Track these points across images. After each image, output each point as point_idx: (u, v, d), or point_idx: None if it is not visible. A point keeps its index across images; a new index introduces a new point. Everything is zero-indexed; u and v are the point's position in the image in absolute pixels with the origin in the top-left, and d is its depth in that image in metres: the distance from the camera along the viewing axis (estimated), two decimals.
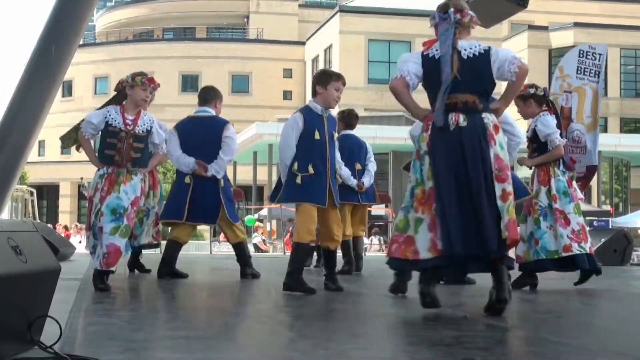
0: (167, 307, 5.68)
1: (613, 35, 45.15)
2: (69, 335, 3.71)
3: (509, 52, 5.07)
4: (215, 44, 53.87)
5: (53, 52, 8.61)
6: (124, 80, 6.71)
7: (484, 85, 4.96)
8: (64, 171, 49.70)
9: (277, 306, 5.64)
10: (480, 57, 4.96)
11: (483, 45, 5.03)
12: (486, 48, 5.02)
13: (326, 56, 46.93)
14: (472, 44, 5.00)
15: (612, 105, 47.26)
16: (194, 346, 3.64)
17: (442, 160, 4.80)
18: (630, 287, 8.05)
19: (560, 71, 12.51)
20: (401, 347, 3.78)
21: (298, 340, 3.94)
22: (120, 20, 61.93)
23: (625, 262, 12.09)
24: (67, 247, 12.09)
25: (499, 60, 4.95)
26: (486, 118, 4.88)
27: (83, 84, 54.05)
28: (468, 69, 4.88)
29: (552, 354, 3.53)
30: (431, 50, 5.00)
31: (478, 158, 4.79)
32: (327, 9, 53.68)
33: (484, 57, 4.96)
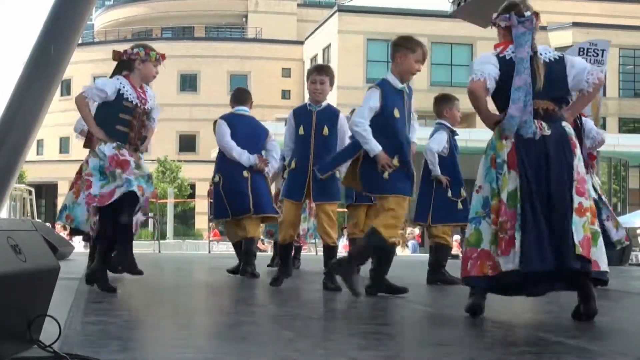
0: (166, 306, 5.68)
1: (612, 35, 45.08)
2: (69, 334, 3.71)
3: (585, 62, 4.91)
4: (214, 43, 53.87)
5: (52, 51, 8.60)
6: (135, 53, 6.14)
7: (560, 92, 4.75)
8: (62, 170, 49.58)
9: (275, 306, 5.64)
10: (556, 63, 4.78)
11: (555, 52, 4.89)
12: (560, 55, 4.87)
13: (325, 56, 46.94)
14: (546, 48, 4.87)
15: (611, 105, 47.26)
16: (193, 345, 3.63)
17: (529, 172, 4.53)
18: (630, 287, 8.05)
19: None
20: (401, 346, 3.78)
21: (297, 339, 3.94)
22: (118, 19, 61.92)
23: (624, 262, 12.09)
24: (66, 246, 12.08)
25: (576, 68, 4.77)
26: (567, 127, 4.69)
27: (82, 83, 53.38)
28: (547, 74, 4.69)
29: (552, 354, 3.53)
30: (507, 52, 4.74)
31: (564, 169, 4.57)
32: (326, 9, 53.66)
33: (559, 63, 4.79)
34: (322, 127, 6.53)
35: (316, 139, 6.54)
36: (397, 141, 5.82)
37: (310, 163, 6.51)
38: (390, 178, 5.80)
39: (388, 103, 5.81)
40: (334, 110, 6.68)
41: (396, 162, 5.78)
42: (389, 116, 5.81)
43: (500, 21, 4.84)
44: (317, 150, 6.53)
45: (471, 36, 41.74)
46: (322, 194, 6.52)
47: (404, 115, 5.87)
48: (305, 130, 6.56)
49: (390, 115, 5.81)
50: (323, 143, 6.53)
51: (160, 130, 37.40)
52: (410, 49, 5.86)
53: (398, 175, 5.81)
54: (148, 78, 6.20)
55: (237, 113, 8.12)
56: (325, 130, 6.53)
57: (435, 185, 7.61)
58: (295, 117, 6.67)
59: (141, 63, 6.13)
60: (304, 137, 6.56)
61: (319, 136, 6.54)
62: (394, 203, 5.80)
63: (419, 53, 5.86)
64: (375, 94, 5.85)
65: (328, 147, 6.54)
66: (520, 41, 4.71)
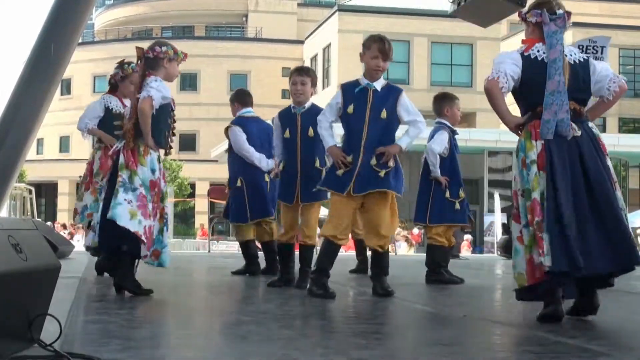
0: (167, 305, 5.68)
1: (611, 35, 44.90)
2: (69, 333, 3.71)
3: (609, 68, 4.92)
4: (214, 42, 53.84)
5: (52, 50, 8.60)
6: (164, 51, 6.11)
7: (583, 95, 4.74)
8: (62, 169, 49.67)
9: (276, 305, 5.64)
10: (581, 65, 4.76)
11: (581, 53, 4.84)
12: (585, 57, 4.83)
13: (325, 55, 46.91)
14: (571, 49, 4.82)
15: None
16: (193, 345, 3.64)
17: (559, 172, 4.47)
18: (630, 287, 8.05)
19: None
20: (401, 346, 3.78)
21: (297, 339, 3.94)
22: (119, 18, 61.91)
23: None
24: (66, 245, 12.09)
25: (598, 74, 4.78)
26: (594, 128, 4.70)
27: (82, 82, 54.02)
28: (572, 75, 4.65)
29: (552, 354, 3.54)
30: (532, 50, 4.68)
31: (601, 168, 4.56)
32: (326, 8, 53.65)
33: (584, 66, 4.77)
34: (307, 128, 6.59)
35: (302, 141, 6.61)
36: (347, 137, 5.95)
37: (298, 165, 6.60)
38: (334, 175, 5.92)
39: (346, 101, 5.95)
40: (318, 110, 6.72)
41: (350, 159, 5.85)
42: (345, 113, 5.94)
43: (532, 16, 4.76)
44: (303, 152, 6.60)
45: (471, 36, 41.76)
46: (309, 195, 6.59)
47: (363, 112, 5.89)
48: (291, 133, 6.64)
49: (345, 112, 5.94)
50: (309, 144, 6.60)
51: None
52: (366, 47, 5.98)
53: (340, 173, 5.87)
54: (172, 77, 6.11)
55: (247, 116, 8.14)
56: (310, 131, 6.58)
57: (434, 186, 7.61)
58: (281, 120, 6.76)
59: (169, 62, 6.06)
60: (290, 140, 6.65)
61: (305, 138, 6.59)
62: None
63: (373, 49, 5.92)
64: (338, 92, 6.06)
65: (314, 148, 6.60)
66: (552, 40, 4.64)
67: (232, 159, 8.17)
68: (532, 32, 4.80)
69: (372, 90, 5.93)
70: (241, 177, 7.97)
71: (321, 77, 46.70)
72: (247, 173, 7.88)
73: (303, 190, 6.58)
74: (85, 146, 54.42)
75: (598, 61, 4.93)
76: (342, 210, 5.86)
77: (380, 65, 5.93)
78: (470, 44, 43.86)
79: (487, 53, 43.09)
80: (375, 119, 5.83)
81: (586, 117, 4.69)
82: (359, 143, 5.86)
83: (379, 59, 5.90)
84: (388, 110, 5.88)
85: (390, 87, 5.99)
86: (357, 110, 5.90)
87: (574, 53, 4.78)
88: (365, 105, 5.90)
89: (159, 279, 7.50)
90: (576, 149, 4.53)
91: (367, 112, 5.88)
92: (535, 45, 4.69)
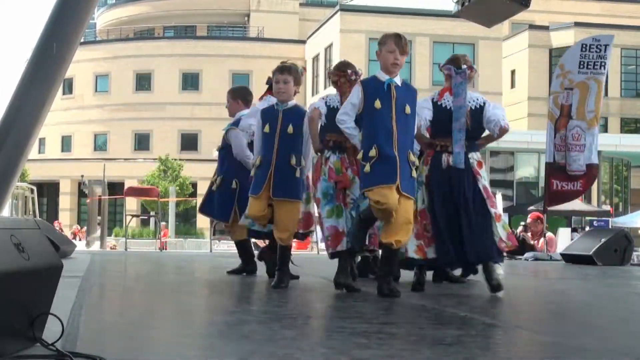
0: (169, 305, 5.69)
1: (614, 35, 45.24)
2: (71, 332, 3.72)
3: (499, 112, 6.35)
4: (216, 42, 53.88)
5: (54, 49, 8.62)
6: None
7: (478, 133, 6.39)
8: (64, 169, 49.73)
9: (277, 305, 5.65)
10: (480, 109, 6.31)
11: (481, 99, 6.36)
12: (482, 103, 6.35)
13: (327, 55, 46.93)
14: (473, 96, 6.34)
15: (613, 105, 47.26)
16: (196, 344, 3.64)
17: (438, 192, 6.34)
18: (631, 287, 8.05)
19: (560, 69, 12.40)
20: (402, 346, 3.78)
21: (299, 338, 3.95)
22: (121, 18, 61.94)
23: (626, 263, 12.08)
24: (68, 244, 12.09)
25: (488, 116, 6.30)
26: (472, 158, 6.29)
27: (84, 82, 54.06)
28: (471, 119, 6.24)
29: (552, 354, 3.54)
30: (443, 100, 6.36)
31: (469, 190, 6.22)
32: (328, 8, 53.69)
33: (481, 110, 6.31)
34: (287, 125, 6.62)
35: (281, 137, 6.62)
36: (375, 132, 5.89)
37: (273, 159, 6.61)
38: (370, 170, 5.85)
39: (369, 96, 5.93)
40: (301, 110, 6.78)
41: (374, 152, 5.82)
42: (370, 108, 5.91)
43: (445, 70, 6.39)
44: (280, 148, 6.61)
45: (473, 36, 41.80)
46: (280, 191, 6.60)
47: (389, 108, 5.87)
48: (271, 128, 6.67)
49: (371, 108, 5.90)
50: (287, 141, 6.62)
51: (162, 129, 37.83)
52: (382, 43, 6.01)
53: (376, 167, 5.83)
54: None
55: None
56: (290, 128, 6.61)
57: None
58: (263, 116, 6.79)
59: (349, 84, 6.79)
60: (269, 135, 6.67)
61: (284, 134, 6.62)
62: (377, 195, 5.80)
63: (389, 44, 5.95)
64: (357, 90, 6.06)
65: (292, 145, 6.63)
66: (458, 90, 6.25)
67: (227, 159, 8.14)
68: (446, 80, 6.43)
69: (394, 86, 5.93)
70: (237, 179, 7.97)
71: (323, 77, 46.74)
72: (243, 176, 7.82)
73: (275, 184, 6.59)
74: (86, 146, 54.53)
75: (493, 104, 6.46)
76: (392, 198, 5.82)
77: (398, 59, 5.94)
78: (472, 43, 43.87)
79: (489, 53, 43.15)
80: (401, 114, 5.84)
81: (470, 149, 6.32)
82: (390, 138, 5.82)
83: (396, 52, 5.92)
84: (410, 106, 5.92)
85: (407, 85, 6.07)
86: (384, 105, 5.87)
87: (475, 99, 6.33)
88: (390, 100, 5.88)
89: (162, 278, 7.51)
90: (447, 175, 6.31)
91: (392, 107, 5.87)
92: (445, 95, 6.37)
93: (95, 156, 51.19)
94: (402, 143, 5.84)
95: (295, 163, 6.61)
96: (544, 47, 48.19)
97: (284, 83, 6.70)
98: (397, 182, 5.73)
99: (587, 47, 11.90)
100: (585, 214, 35.10)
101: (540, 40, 48.63)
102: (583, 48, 11.90)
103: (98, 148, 54.19)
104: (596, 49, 11.92)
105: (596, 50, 11.88)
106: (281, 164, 6.59)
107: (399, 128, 5.83)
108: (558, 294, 6.94)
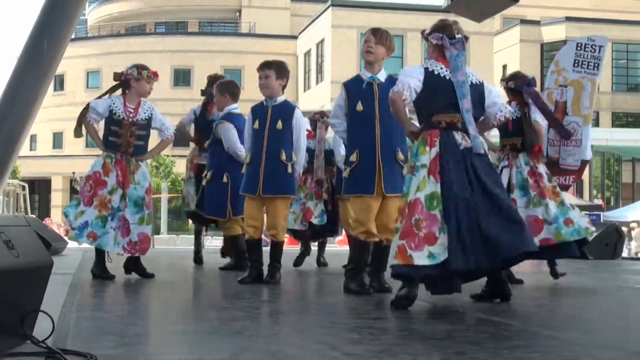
0: (160, 302, 5.68)
1: (605, 30, 45.12)
2: (62, 330, 3.72)
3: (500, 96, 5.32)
4: (208, 38, 53.75)
5: (45, 46, 8.59)
6: (129, 73, 7.10)
7: (478, 113, 5.17)
8: (55, 166, 49.59)
9: (269, 301, 5.65)
10: (478, 86, 5.16)
11: (477, 74, 5.24)
12: (481, 80, 5.22)
13: (318, 50, 46.88)
14: (471, 71, 5.19)
15: (604, 100, 47.33)
16: (187, 340, 3.64)
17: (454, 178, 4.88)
18: (621, 281, 8.08)
19: (555, 65, 12.39)
20: (393, 341, 3.79)
21: (291, 334, 3.95)
22: (112, 14, 61.76)
23: (617, 256, 12.13)
24: (60, 241, 12.07)
25: (491, 99, 5.22)
26: (482, 143, 5.15)
27: (75, 78, 53.90)
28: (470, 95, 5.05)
29: (543, 348, 3.55)
30: (436, 67, 5.08)
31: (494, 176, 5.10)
32: (319, 3, 53.54)
33: (480, 87, 5.18)
34: (276, 121, 6.64)
35: (270, 133, 6.64)
36: (357, 137, 5.86)
37: (263, 156, 6.62)
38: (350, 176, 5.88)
39: (351, 98, 5.91)
40: (290, 105, 6.81)
41: (354, 157, 5.83)
42: (352, 111, 5.90)
43: (433, 39, 5.18)
44: (269, 144, 6.63)
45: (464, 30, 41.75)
46: (271, 187, 6.62)
47: (372, 108, 5.83)
48: (260, 125, 6.70)
49: (353, 111, 5.90)
50: (276, 137, 6.64)
51: None
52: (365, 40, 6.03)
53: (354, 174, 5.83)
54: (144, 94, 7.17)
55: (235, 113, 8.13)
56: (279, 124, 6.64)
57: None
58: (253, 113, 6.82)
59: (136, 82, 7.10)
60: (259, 131, 6.69)
61: (273, 130, 6.63)
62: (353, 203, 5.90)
63: (367, 35, 6.01)
64: (341, 92, 6.04)
65: (281, 141, 6.64)
66: (457, 64, 5.07)
67: (217, 153, 8.13)
68: (432, 52, 5.22)
69: (376, 84, 5.89)
70: (227, 172, 7.97)
71: (315, 72, 46.68)
72: (234, 169, 7.81)
73: (265, 181, 6.61)
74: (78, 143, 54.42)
75: (492, 86, 5.33)
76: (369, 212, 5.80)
77: (372, 47, 5.89)
78: None
79: (480, 48, 43.10)
80: (385, 113, 5.62)
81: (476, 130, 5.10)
82: (372, 144, 5.77)
83: (370, 41, 5.91)
84: None
85: (392, 79, 5.79)
86: (366, 107, 5.84)
87: (472, 74, 5.17)
88: (373, 101, 5.84)
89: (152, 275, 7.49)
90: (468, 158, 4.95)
91: (376, 108, 5.81)
92: (439, 62, 5.11)
93: (87, 153, 51.00)
94: (387, 146, 5.79)
95: (285, 158, 6.61)
96: (536, 42, 48.23)
97: (265, 78, 6.73)
98: (374, 193, 5.75)
99: (582, 46, 11.92)
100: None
101: (532, 35, 48.66)
102: (578, 47, 11.91)
103: (90, 145, 53.97)
104: (591, 49, 11.94)
105: (591, 51, 11.91)
106: (271, 160, 6.60)
107: (383, 129, 5.77)
108: (549, 287, 6.95)
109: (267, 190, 6.61)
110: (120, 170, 6.88)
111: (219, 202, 8.08)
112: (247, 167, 6.75)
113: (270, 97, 6.72)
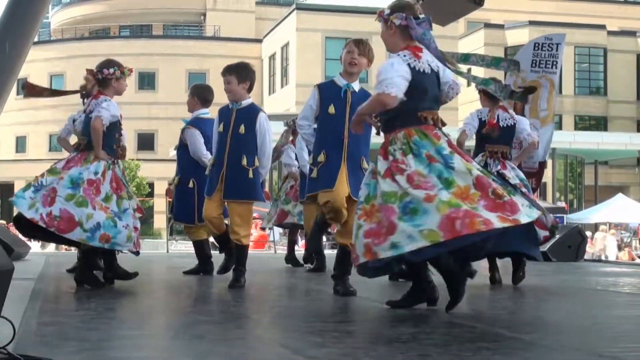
0: (123, 306, 5.65)
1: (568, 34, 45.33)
2: (23, 335, 3.68)
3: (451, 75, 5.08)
4: (172, 41, 53.57)
5: (7, 48, 8.51)
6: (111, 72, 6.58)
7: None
8: (18, 170, 49.09)
9: (233, 304, 5.63)
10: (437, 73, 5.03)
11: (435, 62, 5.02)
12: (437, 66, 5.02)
13: (283, 54, 46.88)
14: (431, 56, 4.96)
15: (567, 103, 47.80)
16: (151, 344, 3.62)
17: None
18: (584, 283, 8.14)
19: None
20: (357, 344, 3.79)
21: (254, 338, 3.94)
22: (76, 17, 61.33)
23: (580, 258, 12.23)
24: (22, 246, 11.93)
25: (445, 76, 5.04)
26: None
27: (38, 82, 52.81)
28: None
29: (507, 350, 3.57)
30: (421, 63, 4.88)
31: None
32: (284, 7, 53.61)
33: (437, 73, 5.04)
34: (239, 125, 6.62)
35: (232, 137, 6.62)
36: (325, 138, 5.94)
37: (225, 159, 6.62)
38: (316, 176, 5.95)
39: (324, 101, 5.98)
40: (254, 109, 6.77)
41: (322, 158, 5.90)
42: (324, 114, 5.97)
43: (396, 19, 4.91)
44: (232, 147, 6.61)
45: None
46: (232, 192, 6.61)
47: (343, 113, 5.91)
48: (225, 128, 6.69)
49: (325, 113, 5.97)
50: (238, 141, 6.62)
51: None
52: (344, 47, 6.07)
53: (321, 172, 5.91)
54: (120, 93, 6.71)
55: (204, 117, 8.08)
56: (241, 128, 6.61)
57: None
58: (219, 115, 6.81)
59: (116, 81, 6.64)
60: (223, 134, 6.68)
61: (236, 134, 6.62)
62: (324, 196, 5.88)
63: (349, 46, 6.03)
64: (314, 93, 6.08)
65: (244, 145, 6.61)
66: (426, 42, 4.83)
67: (184, 158, 8.12)
68: (393, 34, 4.96)
69: (350, 92, 5.97)
70: (194, 178, 7.95)
71: (279, 76, 46.68)
72: (200, 175, 7.75)
73: (227, 185, 6.60)
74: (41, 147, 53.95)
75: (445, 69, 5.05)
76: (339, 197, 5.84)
77: (356, 58, 5.95)
78: None
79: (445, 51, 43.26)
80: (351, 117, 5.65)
81: None
82: (340, 146, 5.86)
83: (354, 52, 5.96)
84: None
85: (364, 91, 6.00)
86: (337, 111, 5.92)
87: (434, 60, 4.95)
88: (344, 107, 5.92)
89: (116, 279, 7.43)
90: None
91: (347, 113, 5.88)
92: (411, 55, 4.86)
93: (51, 157, 50.55)
94: (353, 151, 5.88)
95: (246, 164, 6.58)
96: (499, 46, 48.59)
97: (227, 84, 6.72)
98: (335, 186, 5.77)
99: (539, 45, 12.00)
100: None
101: (496, 39, 49.04)
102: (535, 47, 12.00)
103: (53, 149, 53.54)
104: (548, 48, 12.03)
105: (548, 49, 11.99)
106: (232, 164, 6.59)
107: (351, 136, 5.81)
108: (512, 289, 6.99)
109: (227, 194, 6.60)
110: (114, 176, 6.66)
111: (186, 207, 8.06)
112: (211, 170, 6.74)
113: (235, 101, 6.72)
